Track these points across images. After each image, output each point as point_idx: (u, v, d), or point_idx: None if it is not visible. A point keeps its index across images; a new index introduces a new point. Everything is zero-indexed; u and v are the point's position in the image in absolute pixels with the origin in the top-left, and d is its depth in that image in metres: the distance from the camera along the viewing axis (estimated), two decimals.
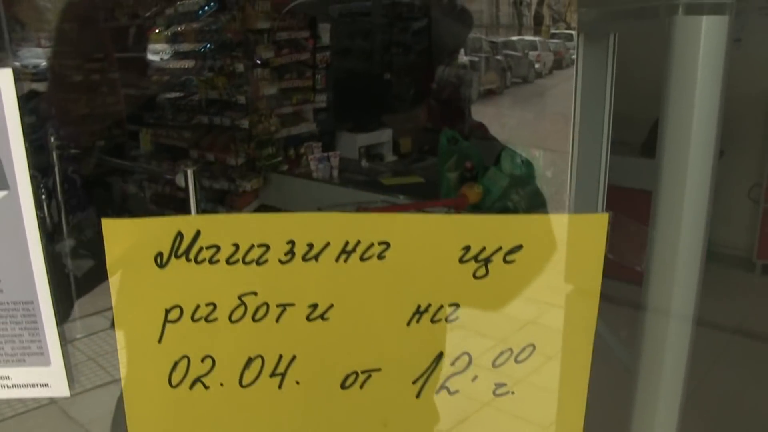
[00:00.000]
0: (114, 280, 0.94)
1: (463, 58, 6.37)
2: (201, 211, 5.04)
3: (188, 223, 0.96)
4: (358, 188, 3.97)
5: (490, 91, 6.20)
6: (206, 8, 4.82)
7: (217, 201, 4.84)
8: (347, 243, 0.97)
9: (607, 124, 1.31)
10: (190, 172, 2.28)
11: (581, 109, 1.27)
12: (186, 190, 2.41)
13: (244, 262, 0.97)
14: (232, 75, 4.62)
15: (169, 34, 5.23)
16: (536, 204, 3.36)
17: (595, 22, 1.20)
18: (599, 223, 0.93)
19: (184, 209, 2.51)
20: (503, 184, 3.41)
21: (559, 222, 0.92)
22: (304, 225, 1.00)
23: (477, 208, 3.46)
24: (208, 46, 5.02)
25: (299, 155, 4.87)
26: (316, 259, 0.98)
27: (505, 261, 0.95)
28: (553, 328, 0.93)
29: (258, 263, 0.97)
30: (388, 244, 0.96)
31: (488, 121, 5.90)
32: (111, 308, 0.96)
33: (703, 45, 1.07)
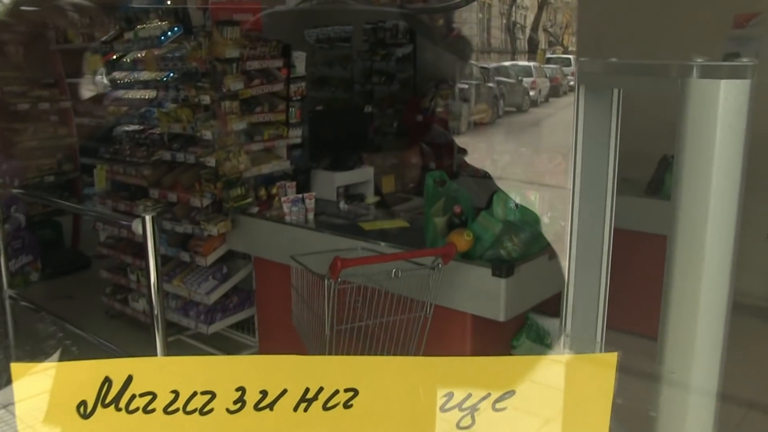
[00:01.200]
0: None
1: (452, 87, 6.47)
2: (160, 258, 4.96)
3: (118, 367, 0.91)
4: (335, 233, 3.99)
5: (481, 121, 6.28)
6: (169, 33, 4.85)
7: (179, 245, 4.78)
8: (308, 390, 0.93)
9: (612, 178, 1.31)
10: (148, 219, 2.24)
11: (582, 164, 1.27)
12: (144, 237, 2.38)
13: (185, 412, 0.93)
14: (197, 107, 4.65)
15: (129, 60, 5.23)
16: (532, 252, 3.38)
17: (597, 74, 1.21)
18: (607, 364, 0.91)
19: (142, 254, 2.48)
20: (495, 231, 3.41)
21: (558, 364, 0.91)
22: (257, 369, 0.95)
23: (467, 257, 3.48)
24: (171, 74, 5.04)
25: (271, 196, 4.84)
26: (271, 408, 0.93)
27: (494, 409, 0.93)
28: None
29: (202, 413, 0.92)
30: (356, 391, 0.93)
31: (479, 156, 5.96)
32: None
33: (721, 113, 1.05)
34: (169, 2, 4.87)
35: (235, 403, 0.91)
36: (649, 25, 4.19)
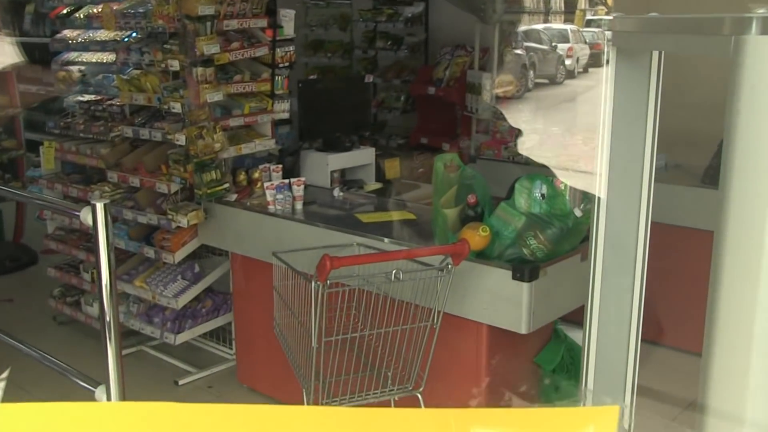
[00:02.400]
0: None
1: (471, 53, 6.44)
2: (120, 254, 4.99)
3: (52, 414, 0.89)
4: (328, 226, 3.97)
5: (506, 95, 6.26)
6: None
7: (142, 239, 4.79)
8: None
9: (649, 162, 1.30)
10: (99, 207, 2.23)
11: (613, 145, 1.26)
12: (94, 229, 2.36)
13: None
14: (164, 74, 4.61)
15: (82, 16, 5.21)
16: (562, 252, 3.38)
17: (632, 34, 1.19)
18: (609, 417, 0.93)
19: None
20: (517, 226, 3.41)
21: (556, 418, 0.92)
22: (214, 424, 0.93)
23: (482, 256, 3.47)
24: (134, 34, 5.04)
25: (252, 181, 4.79)
26: None
27: None
28: None
29: None
30: None
31: (502, 136, 5.94)
32: None
33: None
34: None
35: None
36: None
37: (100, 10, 5.04)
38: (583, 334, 1.41)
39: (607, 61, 1.26)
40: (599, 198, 1.32)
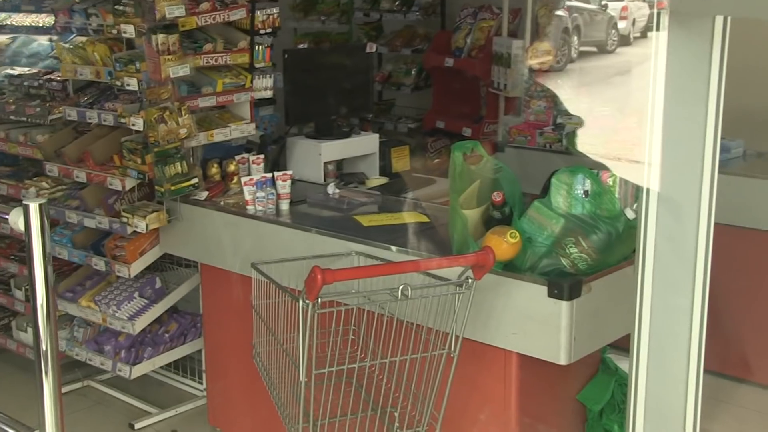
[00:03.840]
0: None
1: (497, 16, 6.44)
2: (62, 267, 5.01)
3: None
4: (321, 231, 3.97)
5: (542, 67, 6.25)
6: None
7: (90, 248, 4.79)
8: None
9: (712, 149, 1.31)
10: (33, 208, 2.24)
11: (667, 129, 1.27)
12: (26, 235, 2.37)
13: None
14: (116, 42, 4.63)
15: None
16: (610, 262, 3.38)
17: None
18: None
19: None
20: (554, 230, 3.40)
21: None
22: None
23: (511, 268, 3.46)
24: None
25: (227, 176, 4.74)
26: None
27: None
28: None
29: None
30: None
31: (537, 118, 5.96)
32: None
33: None
34: None
35: None
36: None
37: None
38: (629, 366, 1.43)
39: (659, 27, 1.28)
40: (648, 194, 1.33)
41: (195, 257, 4.65)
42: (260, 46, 4.66)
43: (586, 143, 5.46)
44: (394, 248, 3.66)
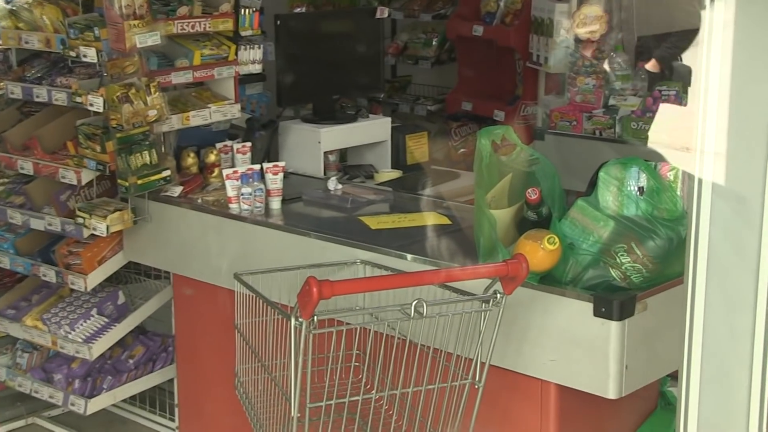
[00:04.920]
0: None
1: None
2: (2, 278, 5.00)
3: None
4: (320, 235, 3.97)
5: (592, 37, 6.23)
6: None
7: (38, 255, 4.77)
8: None
9: None
10: None
11: (728, 109, 1.28)
12: None
13: None
14: (70, 5, 4.57)
15: None
16: (672, 275, 3.36)
17: None
18: None
19: None
20: (602, 234, 3.37)
21: None
22: None
23: (549, 281, 3.44)
24: None
25: (206, 167, 4.75)
26: None
27: None
28: None
29: None
30: None
31: (585, 99, 5.94)
32: None
33: None
34: None
35: None
36: None
37: None
38: (677, 400, 1.44)
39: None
40: (699, 187, 1.34)
41: (166, 266, 4.67)
42: (247, 10, 4.67)
43: (644, 130, 5.44)
44: (409, 257, 3.68)
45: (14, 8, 4.83)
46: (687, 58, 5.79)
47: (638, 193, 3.24)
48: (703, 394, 1.42)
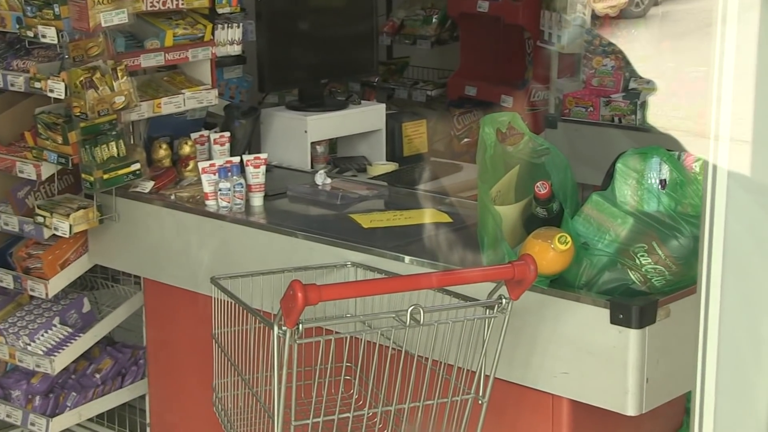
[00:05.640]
0: None
1: None
2: None
3: None
4: (307, 234, 3.98)
5: (610, 14, 6.23)
6: None
7: None
8: None
9: None
10: None
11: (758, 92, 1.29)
12: None
13: None
14: None
15: None
16: (696, 276, 3.36)
17: None
18: None
19: None
20: (619, 233, 3.38)
21: None
22: None
23: (560, 284, 3.45)
24: None
25: (180, 160, 4.76)
26: None
27: None
28: None
29: None
30: None
31: (602, 83, 5.96)
32: None
33: None
34: None
35: None
36: None
37: None
38: (691, 415, 1.45)
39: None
40: (713, 176, 1.36)
41: (136, 270, 4.68)
42: None
43: (669, 116, 5.45)
44: (405, 258, 3.68)
45: None
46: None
47: (660, 186, 3.24)
48: (719, 409, 1.44)
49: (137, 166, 4.43)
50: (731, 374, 1.49)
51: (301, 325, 2.81)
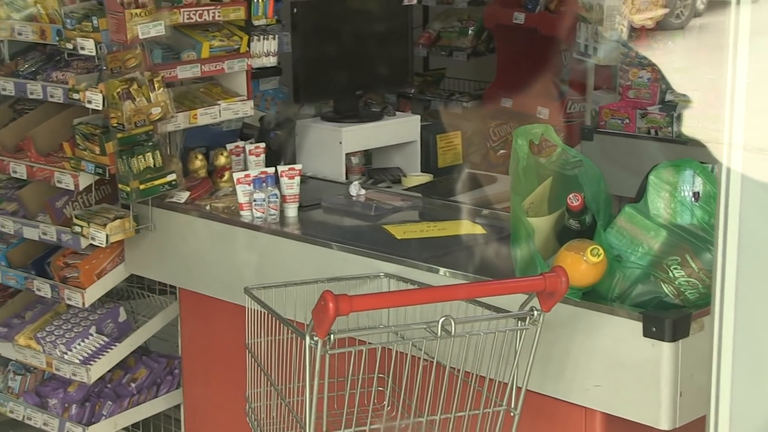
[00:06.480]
0: None
1: None
2: None
3: None
4: (341, 246, 3.99)
5: (648, 26, 6.19)
6: None
7: (33, 267, 4.79)
8: None
9: None
10: None
11: None
12: None
13: None
14: None
15: None
16: None
17: None
18: None
19: None
20: (652, 246, 3.36)
21: None
22: None
23: (593, 296, 3.43)
24: None
25: (216, 171, 4.78)
26: None
27: None
28: None
29: None
30: None
31: (639, 95, 5.93)
32: None
33: None
34: None
35: None
36: None
37: None
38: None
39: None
40: (728, 182, 1.35)
41: (172, 280, 4.70)
42: None
43: (707, 129, 5.42)
44: (438, 270, 3.68)
45: None
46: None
47: (693, 199, 3.23)
48: (734, 422, 1.44)
49: (173, 176, 4.45)
50: (746, 383, 1.49)
51: (332, 336, 2.81)
